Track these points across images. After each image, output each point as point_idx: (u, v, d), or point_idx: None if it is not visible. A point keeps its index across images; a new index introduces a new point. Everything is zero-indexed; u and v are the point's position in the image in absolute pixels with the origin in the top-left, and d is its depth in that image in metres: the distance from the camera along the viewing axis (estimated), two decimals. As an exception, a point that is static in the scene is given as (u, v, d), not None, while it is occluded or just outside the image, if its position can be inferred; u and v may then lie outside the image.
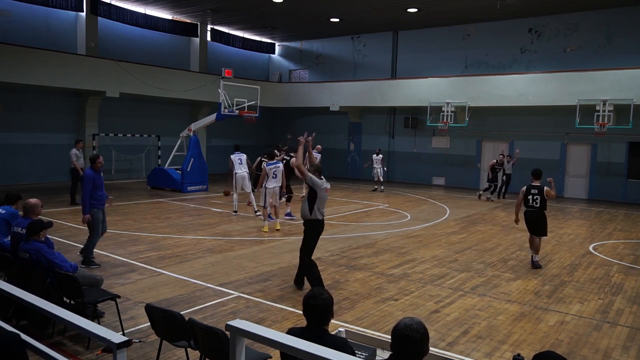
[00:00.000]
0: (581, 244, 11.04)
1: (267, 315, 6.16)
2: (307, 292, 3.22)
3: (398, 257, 9.35)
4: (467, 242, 10.92)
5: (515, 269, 8.78)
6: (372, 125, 24.74)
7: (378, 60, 24.37)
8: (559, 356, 2.44)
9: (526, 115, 20.11)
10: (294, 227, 11.99)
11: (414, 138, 23.49)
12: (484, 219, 14.02)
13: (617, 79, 17.28)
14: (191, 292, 6.90)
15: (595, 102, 17.26)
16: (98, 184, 7.99)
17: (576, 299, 7.20)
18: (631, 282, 8.16)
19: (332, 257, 9.23)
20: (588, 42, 19.17)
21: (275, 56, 28.42)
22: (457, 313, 6.45)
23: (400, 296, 7.07)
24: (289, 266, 8.44)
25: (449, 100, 20.29)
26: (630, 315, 6.61)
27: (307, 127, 26.89)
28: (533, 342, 5.62)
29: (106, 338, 2.90)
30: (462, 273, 8.38)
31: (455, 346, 5.44)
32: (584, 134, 18.56)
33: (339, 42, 25.68)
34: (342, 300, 6.78)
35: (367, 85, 23.10)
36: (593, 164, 19.45)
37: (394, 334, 2.63)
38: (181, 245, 9.76)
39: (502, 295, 7.29)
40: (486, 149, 21.84)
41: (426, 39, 22.81)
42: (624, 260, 9.72)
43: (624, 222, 14.32)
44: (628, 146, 18.63)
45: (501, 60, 20.92)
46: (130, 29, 21.29)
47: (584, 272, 8.69)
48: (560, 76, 18.49)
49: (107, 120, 20.20)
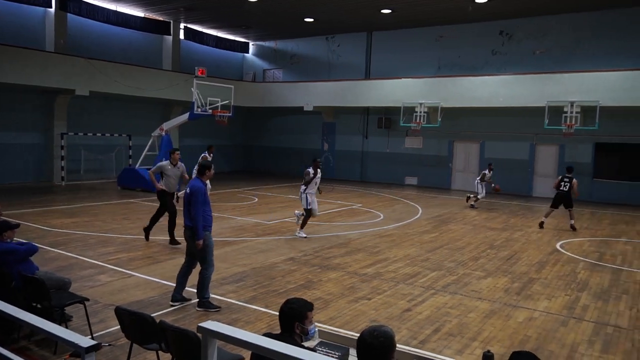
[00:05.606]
0: (549, 242, 11.30)
1: (240, 316, 6.13)
2: (285, 300, 3.21)
3: (371, 256, 9.42)
4: (439, 241, 11.06)
5: (485, 267, 8.93)
6: (346, 125, 24.84)
7: (352, 60, 24.47)
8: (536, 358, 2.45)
9: (497, 116, 20.47)
10: (267, 227, 11.96)
11: (387, 138, 23.68)
12: (455, 218, 14.23)
13: (584, 82, 17.74)
14: (163, 294, 6.81)
15: (563, 103, 17.69)
16: (207, 199, 6.53)
17: (544, 296, 7.37)
18: (596, 279, 8.40)
19: (306, 257, 9.23)
20: (557, 45, 19.63)
21: (249, 55, 28.27)
22: (429, 311, 6.54)
23: (373, 295, 7.12)
24: (262, 267, 8.42)
25: (422, 100, 20.51)
26: (595, 311, 6.80)
27: (282, 127, 26.91)
28: (502, 338, 5.73)
29: (74, 342, 2.83)
30: (433, 272, 8.49)
31: (427, 344, 5.51)
32: (552, 135, 19.02)
33: (313, 42, 25.70)
34: (316, 300, 6.78)
35: (341, 85, 23.18)
36: (561, 164, 19.93)
37: (358, 342, 2.62)
38: (152, 246, 9.62)
39: (473, 293, 7.41)
40: (458, 149, 22.17)
41: (400, 40, 23.01)
42: (590, 257, 9.99)
43: (590, 220, 14.73)
44: (594, 147, 19.17)
45: (473, 62, 21.25)
46: (101, 26, 20.86)
47: (551, 270, 8.90)
48: (530, 78, 18.90)
49: (76, 119, 19.77)
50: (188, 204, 6.33)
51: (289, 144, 26.68)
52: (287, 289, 7.22)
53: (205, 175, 6.54)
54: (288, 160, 26.39)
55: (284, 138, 26.87)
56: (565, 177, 13.14)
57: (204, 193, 6.34)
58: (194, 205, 6.24)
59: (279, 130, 27.06)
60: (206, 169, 6.57)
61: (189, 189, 6.37)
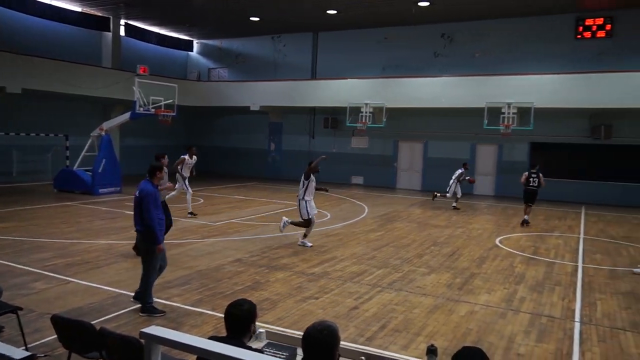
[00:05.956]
0: (489, 238, 11.76)
1: (185, 320, 6.00)
2: (231, 302, 3.17)
3: (318, 255, 9.47)
4: (385, 239, 11.27)
5: (429, 263, 9.18)
6: (293, 125, 24.84)
7: (298, 60, 24.51)
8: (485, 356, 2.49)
9: (440, 117, 21.09)
10: (212, 229, 11.78)
11: (333, 138, 23.88)
12: (400, 217, 14.54)
13: (519, 84, 18.60)
14: (103, 300, 6.57)
15: (501, 104, 18.45)
16: (158, 203, 6.27)
17: (484, 290, 7.66)
18: (532, 272, 8.81)
19: (253, 257, 9.16)
20: (494, 48, 20.46)
21: (193, 54, 27.73)
22: (375, 308, 6.64)
23: (321, 294, 7.16)
24: (208, 269, 8.28)
25: (368, 101, 20.82)
26: (531, 303, 7.14)
27: (228, 127, 26.57)
28: (446, 332, 5.91)
29: (6, 355, 2.69)
30: (379, 269, 8.63)
31: (373, 341, 5.60)
32: (491, 135, 19.80)
33: (259, 41, 25.54)
34: (263, 300, 6.75)
35: (288, 85, 23.16)
36: (499, 163, 20.84)
37: (303, 337, 2.64)
38: (92, 251, 9.26)
39: (418, 289, 7.60)
40: (402, 149, 22.67)
41: (346, 41, 23.26)
42: (526, 251, 10.48)
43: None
44: (529, 146, 20.14)
45: (416, 64, 21.78)
46: (34, 21, 19.84)
47: (491, 264, 9.27)
48: (470, 80, 19.60)
49: (7, 118, 18.69)
50: (138, 208, 6.13)
51: (235, 144, 26.40)
52: (234, 291, 7.13)
53: (156, 178, 6.31)
54: (234, 161, 26.11)
55: (230, 138, 26.55)
56: (532, 172, 13.74)
57: (155, 197, 6.14)
58: (146, 210, 6.03)
59: (225, 131, 26.71)
60: (157, 170, 6.34)
61: (138, 193, 6.16)
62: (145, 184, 6.21)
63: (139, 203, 6.11)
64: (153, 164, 6.47)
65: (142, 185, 6.19)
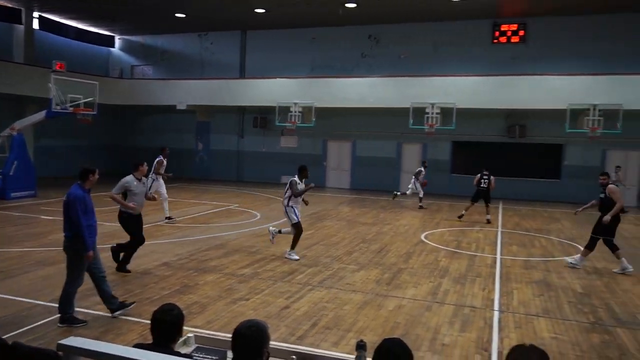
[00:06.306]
0: (414, 234, 12.18)
1: (109, 329, 5.74)
2: (157, 308, 3.06)
3: (249, 256, 9.39)
4: (315, 237, 11.36)
5: (358, 260, 9.36)
6: (221, 124, 24.43)
7: (226, 58, 24.14)
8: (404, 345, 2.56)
9: (367, 116, 21.52)
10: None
11: (263, 137, 23.74)
12: (329, 215, 14.72)
13: (443, 85, 19.42)
14: (17, 312, 6.14)
15: (425, 105, 19.17)
16: (90, 208, 5.94)
17: (411, 284, 7.92)
18: (455, 265, 9.23)
19: (181, 260, 8.92)
20: (419, 50, 21.17)
21: (115, 50, 26.54)
22: (306, 307, 6.68)
23: (252, 295, 7.10)
24: (133, 274, 7.97)
25: (297, 100, 20.89)
26: (454, 294, 7.47)
27: (153, 126, 25.66)
28: (375, 327, 6.05)
29: None
30: (310, 268, 8.69)
31: (305, 339, 5.63)
32: (416, 134, 20.50)
33: (185, 38, 24.89)
34: (192, 304, 6.60)
35: (216, 84, 22.76)
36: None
37: (232, 335, 2.63)
38: (4, 259, 8.62)
39: (347, 286, 7.73)
40: (331, 148, 22.95)
41: (274, 40, 23.19)
42: (449, 246, 10.95)
43: (449, 212, 16.13)
44: (452, 145, 21.06)
45: (344, 64, 22.11)
46: None
47: (417, 259, 9.60)
48: (396, 80, 20.20)
49: None
50: (66, 213, 5.80)
51: (160, 143, 25.36)
52: (161, 296, 6.92)
53: (88, 181, 5.95)
54: (161, 161, 25.25)
55: (156, 138, 25.54)
56: (484, 174, 14.29)
57: (83, 201, 5.82)
58: (74, 215, 5.72)
59: (151, 130, 25.73)
60: (89, 173, 5.97)
61: (66, 197, 5.83)
62: (76, 188, 5.88)
63: (66, 208, 5.80)
64: (85, 166, 6.05)
65: (72, 189, 5.86)
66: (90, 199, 6.02)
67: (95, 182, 6.11)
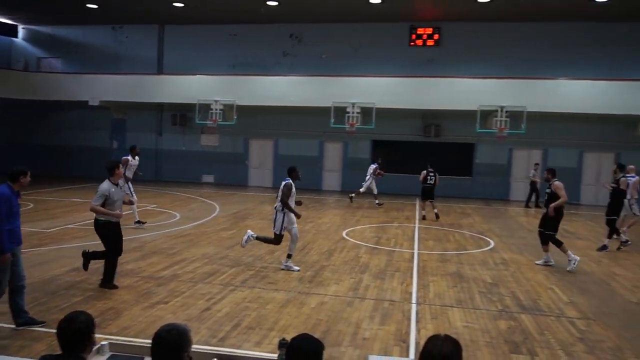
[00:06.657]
0: (336, 231, 12.37)
1: (12, 342, 5.32)
2: (63, 316, 2.86)
3: (167, 258, 9.09)
4: (237, 237, 11.18)
5: (281, 259, 9.33)
6: (138, 122, 23.45)
7: (143, 53, 23.19)
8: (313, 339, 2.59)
9: (289, 115, 21.55)
10: (45, 236, 10.64)
11: (182, 136, 23.08)
12: (252, 214, 14.60)
13: (363, 85, 19.89)
14: None
15: (346, 104, 19.54)
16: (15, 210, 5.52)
17: (333, 281, 8.04)
18: (375, 261, 9.48)
19: (94, 265, 8.42)
20: (339, 50, 21.50)
21: (19, 40, 24.64)
22: (228, 308, 6.58)
23: (171, 298, 6.89)
24: (40, 281, 7.45)
25: (218, 98, 20.51)
26: (374, 289, 7.68)
27: (62, 122, 24.10)
28: (297, 325, 6.08)
29: None
30: (232, 268, 8.58)
31: (227, 340, 5.54)
32: (338, 133, 20.83)
33: (98, 30, 23.60)
34: (107, 310, 6.29)
35: (132, 79, 21.81)
36: (345, 159, 22.03)
37: (152, 340, 2.54)
38: None
39: (270, 285, 7.70)
40: (253, 146, 22.76)
41: (194, 36, 22.58)
42: (369, 242, 11.24)
43: (369, 209, 16.54)
44: (372, 144, 21.61)
45: (266, 62, 21.98)
46: None
47: (339, 256, 9.77)
48: (318, 80, 20.41)
49: None
50: None
51: (71, 142, 24.01)
52: (72, 303, 6.52)
53: (18, 183, 5.52)
54: (70, 160, 23.77)
55: (66, 135, 24.09)
56: (430, 172, 14.93)
57: (9, 202, 5.40)
58: None
59: (60, 127, 24.12)
60: (20, 175, 5.52)
61: None
62: (4, 187, 5.48)
63: None
64: (15, 168, 5.59)
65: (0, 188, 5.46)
66: (18, 202, 5.60)
67: (27, 184, 5.70)
